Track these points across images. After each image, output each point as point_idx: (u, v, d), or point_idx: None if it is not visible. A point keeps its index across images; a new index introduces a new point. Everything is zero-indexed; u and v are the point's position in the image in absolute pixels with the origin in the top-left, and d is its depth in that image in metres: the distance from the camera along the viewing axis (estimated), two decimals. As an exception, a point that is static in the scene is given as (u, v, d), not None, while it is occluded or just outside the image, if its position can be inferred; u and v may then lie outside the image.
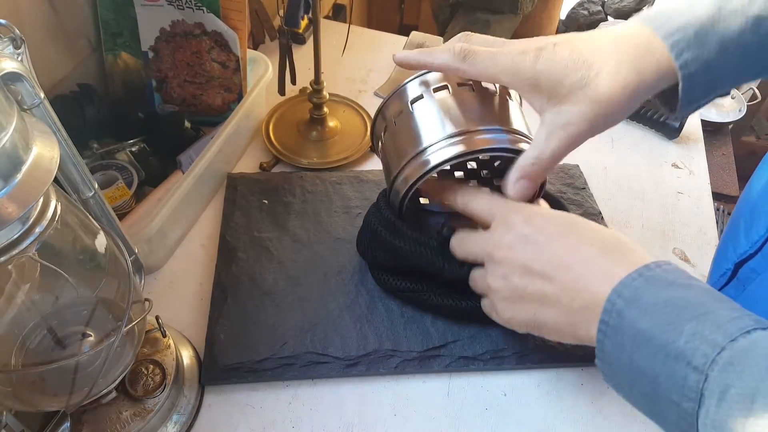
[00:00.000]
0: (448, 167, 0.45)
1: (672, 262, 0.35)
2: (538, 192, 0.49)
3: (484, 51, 0.41)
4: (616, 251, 0.37)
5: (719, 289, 0.43)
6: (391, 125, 0.50)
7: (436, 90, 0.47)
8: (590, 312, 0.35)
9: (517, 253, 0.40)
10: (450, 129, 0.45)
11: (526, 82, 0.40)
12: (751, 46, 0.37)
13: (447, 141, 0.45)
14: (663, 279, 0.33)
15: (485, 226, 0.43)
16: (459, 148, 0.44)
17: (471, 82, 0.47)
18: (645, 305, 0.32)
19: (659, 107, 0.42)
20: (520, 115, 0.48)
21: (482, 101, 0.47)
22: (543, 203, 0.48)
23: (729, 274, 0.42)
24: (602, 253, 0.37)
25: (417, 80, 0.48)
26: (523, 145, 0.45)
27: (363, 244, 0.56)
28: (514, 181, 0.43)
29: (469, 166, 0.58)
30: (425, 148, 0.45)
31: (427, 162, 0.45)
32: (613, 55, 0.38)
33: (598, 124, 0.39)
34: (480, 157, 0.53)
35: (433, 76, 0.48)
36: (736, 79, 0.40)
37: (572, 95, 0.39)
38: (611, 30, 0.39)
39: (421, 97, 0.48)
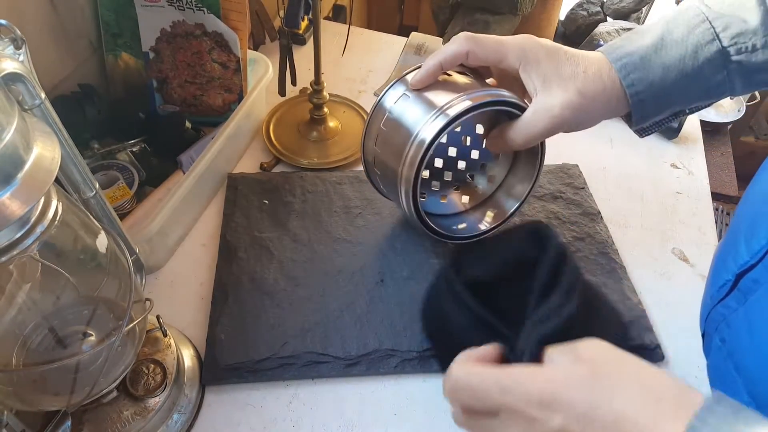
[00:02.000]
0: (444, 140, 0.48)
1: (717, 407, 0.28)
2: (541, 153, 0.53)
3: (491, 36, 0.46)
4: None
5: (719, 301, 0.42)
6: (381, 133, 0.50)
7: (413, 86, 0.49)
8: None
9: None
10: (441, 101, 0.46)
11: (531, 59, 0.45)
12: (692, 71, 0.43)
13: (438, 112, 0.46)
14: None
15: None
16: (451, 114, 0.45)
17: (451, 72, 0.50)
18: None
19: (625, 122, 0.49)
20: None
21: (466, 80, 0.49)
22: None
23: (729, 286, 0.41)
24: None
25: (394, 86, 0.50)
26: (516, 101, 0.47)
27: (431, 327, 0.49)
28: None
29: (449, 154, 0.60)
30: (418, 132, 0.47)
31: (422, 141, 0.46)
32: (592, 64, 0.45)
33: (577, 117, 0.45)
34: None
35: (410, 77, 0.50)
36: (685, 100, 0.46)
37: (564, 83, 0.44)
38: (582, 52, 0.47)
39: (402, 96, 0.49)
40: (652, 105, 0.45)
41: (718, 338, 0.42)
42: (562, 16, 2.39)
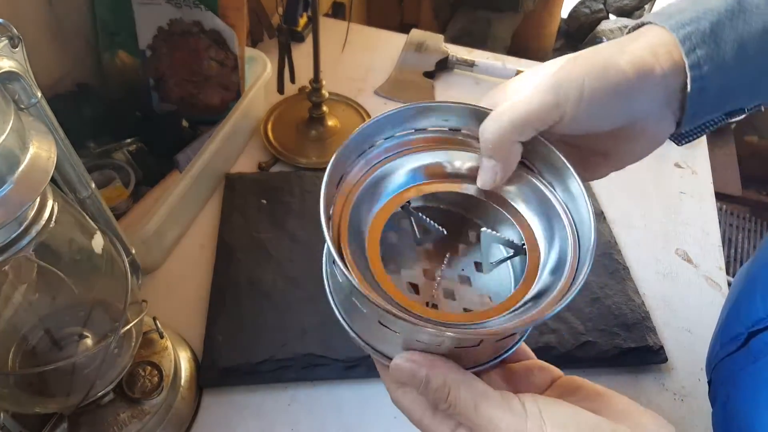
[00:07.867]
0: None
1: None
2: None
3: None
4: None
5: (729, 354, 0.39)
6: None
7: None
8: None
9: None
10: None
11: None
12: None
13: None
14: None
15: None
16: None
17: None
18: None
19: None
20: None
21: None
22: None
23: (741, 340, 0.37)
24: None
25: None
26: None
27: None
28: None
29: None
30: None
31: None
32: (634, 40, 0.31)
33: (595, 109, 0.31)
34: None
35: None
36: (753, 94, 0.33)
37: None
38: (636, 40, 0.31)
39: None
40: (713, 97, 0.31)
41: (723, 392, 0.40)
42: (564, 14, 2.39)
